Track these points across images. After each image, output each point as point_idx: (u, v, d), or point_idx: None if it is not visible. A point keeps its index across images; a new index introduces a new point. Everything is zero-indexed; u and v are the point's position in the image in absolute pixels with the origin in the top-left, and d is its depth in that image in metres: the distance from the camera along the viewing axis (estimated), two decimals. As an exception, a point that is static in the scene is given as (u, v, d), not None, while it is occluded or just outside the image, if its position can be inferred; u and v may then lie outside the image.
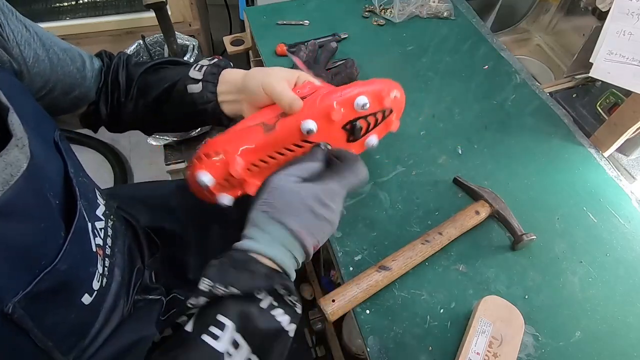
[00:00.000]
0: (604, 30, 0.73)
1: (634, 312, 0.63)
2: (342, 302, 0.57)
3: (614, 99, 0.92)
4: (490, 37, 1.01)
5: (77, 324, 0.45)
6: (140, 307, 0.58)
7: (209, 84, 0.59)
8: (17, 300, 0.35)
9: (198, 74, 0.59)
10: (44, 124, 0.46)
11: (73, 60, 0.56)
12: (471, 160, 0.79)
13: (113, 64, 0.62)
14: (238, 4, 1.31)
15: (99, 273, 0.47)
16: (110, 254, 0.52)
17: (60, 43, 0.55)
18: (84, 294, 0.44)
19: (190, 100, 0.59)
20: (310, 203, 0.44)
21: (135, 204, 0.72)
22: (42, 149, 0.42)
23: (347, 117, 0.55)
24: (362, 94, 0.53)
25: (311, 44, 0.89)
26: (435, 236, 0.64)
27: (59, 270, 0.39)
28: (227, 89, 0.59)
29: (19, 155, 0.37)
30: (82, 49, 0.61)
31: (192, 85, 0.58)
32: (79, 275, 0.44)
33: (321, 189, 0.45)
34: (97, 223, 0.50)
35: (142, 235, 0.67)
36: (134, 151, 1.77)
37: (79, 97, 0.59)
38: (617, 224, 0.72)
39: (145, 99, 0.61)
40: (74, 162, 0.48)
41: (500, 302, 0.59)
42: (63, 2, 1.42)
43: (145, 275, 0.62)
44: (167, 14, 1.19)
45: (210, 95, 0.59)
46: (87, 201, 0.48)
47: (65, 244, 0.40)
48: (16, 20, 0.47)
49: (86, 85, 0.59)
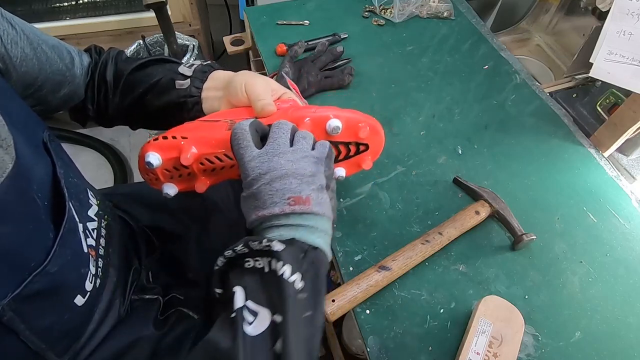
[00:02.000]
0: (604, 30, 0.73)
1: (634, 312, 0.63)
2: (342, 302, 0.57)
3: (614, 99, 0.92)
4: (490, 37, 1.01)
5: (71, 325, 0.45)
6: (137, 307, 0.58)
7: (196, 80, 0.59)
8: (6, 303, 0.35)
9: (188, 70, 0.60)
10: (31, 125, 0.46)
11: (62, 58, 0.56)
12: (471, 160, 0.79)
13: (101, 60, 0.61)
14: (238, 4, 1.31)
15: (91, 274, 0.47)
16: (104, 254, 0.51)
17: (49, 40, 0.54)
18: (76, 295, 0.44)
19: (174, 94, 0.59)
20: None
21: (134, 204, 0.72)
22: (29, 150, 0.41)
23: (316, 137, 0.52)
24: (336, 117, 0.52)
25: (321, 44, 0.90)
26: (435, 236, 0.64)
27: (49, 272, 0.39)
28: (212, 84, 0.59)
29: (4, 157, 0.37)
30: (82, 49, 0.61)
31: (180, 81, 0.59)
32: (71, 276, 0.43)
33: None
34: (89, 224, 0.49)
35: (139, 235, 0.67)
36: (134, 151, 1.77)
37: (68, 94, 0.58)
38: (617, 224, 0.72)
39: (132, 95, 0.61)
40: (65, 162, 0.48)
41: (500, 302, 0.59)
42: (63, 2, 1.42)
43: (142, 275, 0.62)
44: (167, 14, 1.19)
45: (194, 89, 0.59)
46: (78, 202, 0.48)
47: (55, 245, 0.40)
48: (2, 18, 0.47)
49: (76, 83, 0.59)
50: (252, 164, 0.43)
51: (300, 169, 0.43)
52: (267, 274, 0.40)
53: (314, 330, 0.41)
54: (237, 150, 0.45)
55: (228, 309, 0.39)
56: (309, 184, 0.43)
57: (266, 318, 0.38)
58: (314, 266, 0.41)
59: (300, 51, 0.89)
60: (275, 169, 0.43)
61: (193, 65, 0.60)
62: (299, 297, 0.39)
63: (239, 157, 0.45)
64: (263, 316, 0.38)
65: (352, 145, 0.55)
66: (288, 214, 0.42)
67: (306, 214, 0.42)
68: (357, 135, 0.54)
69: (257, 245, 0.40)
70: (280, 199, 0.42)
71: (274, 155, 0.43)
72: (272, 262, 0.40)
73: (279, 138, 0.45)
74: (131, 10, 1.42)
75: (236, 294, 0.39)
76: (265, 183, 0.42)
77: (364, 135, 0.54)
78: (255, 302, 0.39)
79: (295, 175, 0.43)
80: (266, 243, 0.39)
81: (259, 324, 0.38)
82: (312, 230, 0.43)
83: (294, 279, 0.39)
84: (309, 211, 0.42)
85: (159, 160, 0.50)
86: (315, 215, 0.43)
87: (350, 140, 0.55)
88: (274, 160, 0.43)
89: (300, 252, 0.41)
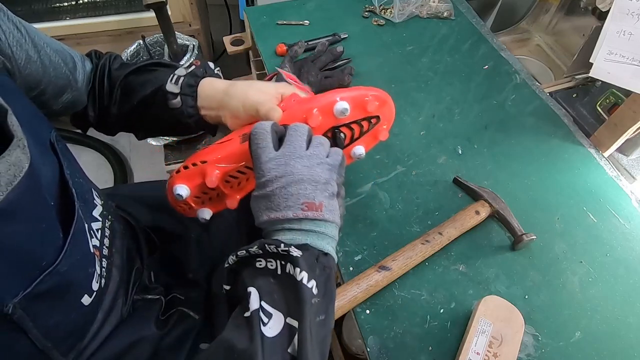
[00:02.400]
0: (604, 30, 0.73)
1: (634, 312, 0.63)
2: (342, 302, 0.57)
3: (614, 99, 0.92)
4: (490, 37, 1.01)
5: (76, 324, 0.45)
6: (139, 307, 0.58)
7: (187, 97, 0.57)
8: (17, 301, 0.35)
9: (175, 87, 0.57)
10: (39, 124, 0.46)
11: (65, 62, 0.55)
12: (471, 160, 0.79)
13: (100, 66, 0.61)
14: (238, 4, 1.31)
15: (97, 274, 0.47)
16: (107, 254, 0.52)
17: (53, 44, 0.54)
18: (83, 294, 0.44)
19: (172, 114, 0.58)
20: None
21: (135, 204, 0.72)
22: (38, 150, 0.41)
23: (327, 124, 0.53)
24: (342, 99, 0.52)
25: (321, 44, 0.90)
26: (435, 236, 0.64)
27: (59, 271, 0.39)
28: (207, 104, 0.58)
29: (21, 156, 0.37)
30: (82, 49, 0.61)
31: (172, 101, 0.57)
32: (79, 276, 0.44)
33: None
34: (94, 224, 0.50)
35: (141, 235, 0.67)
36: (134, 151, 1.77)
37: (71, 100, 0.58)
38: (617, 224, 0.72)
39: (130, 103, 0.60)
40: (71, 163, 0.48)
41: (500, 302, 0.59)
42: (63, 2, 1.42)
43: (144, 275, 0.62)
44: (167, 14, 1.19)
45: (190, 110, 0.58)
46: (83, 202, 0.48)
47: (66, 245, 0.40)
48: (7, 20, 0.46)
49: (78, 88, 0.58)
50: (268, 165, 0.44)
51: (316, 175, 0.44)
52: (280, 277, 0.41)
53: (326, 332, 0.42)
54: (255, 150, 0.45)
55: (242, 309, 0.40)
56: (322, 190, 0.44)
57: (280, 320, 0.39)
58: (325, 271, 0.43)
59: (300, 51, 0.89)
60: (292, 173, 0.43)
61: (179, 78, 0.57)
62: (314, 302, 0.40)
63: (256, 156, 0.45)
64: (277, 318, 0.39)
65: (364, 121, 0.56)
66: (301, 219, 0.43)
67: (318, 220, 0.43)
68: (366, 110, 0.54)
69: (274, 249, 0.41)
70: (295, 203, 0.43)
71: (291, 158, 0.44)
72: (287, 266, 0.41)
73: (295, 141, 0.46)
74: (131, 10, 1.42)
75: (252, 295, 0.40)
76: (280, 186, 0.43)
77: (372, 108, 0.54)
78: (270, 305, 0.40)
79: (310, 181, 0.43)
80: (284, 248, 0.40)
81: (275, 326, 0.39)
82: (322, 236, 0.44)
83: (312, 284, 0.40)
84: (321, 218, 0.43)
85: (187, 190, 0.51)
86: (326, 222, 0.44)
87: (362, 117, 0.55)
88: (290, 164, 0.44)
89: (314, 258, 0.42)
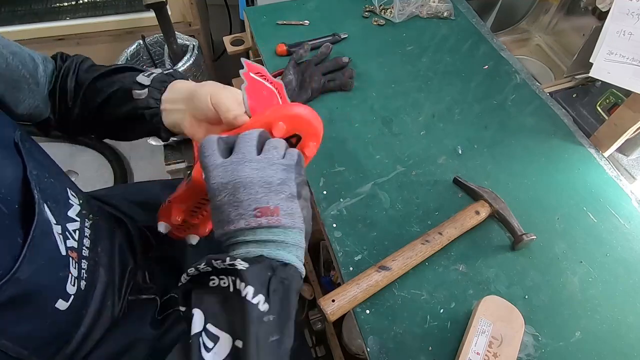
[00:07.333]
0: (604, 30, 0.73)
1: (634, 312, 0.63)
2: (342, 302, 0.57)
3: (614, 99, 0.92)
4: (490, 37, 1.01)
5: (56, 330, 0.44)
6: (133, 308, 0.57)
7: (154, 90, 0.54)
8: None
9: (146, 79, 0.54)
10: (1, 126, 0.44)
11: (24, 64, 0.52)
12: (471, 160, 0.79)
13: (64, 68, 0.58)
14: (238, 4, 1.31)
15: (73, 277, 0.45)
16: (89, 255, 0.50)
17: (10, 46, 0.51)
18: (57, 299, 0.43)
19: (132, 105, 0.54)
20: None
21: (130, 204, 0.71)
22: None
23: None
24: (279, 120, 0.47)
25: (325, 46, 0.90)
26: (435, 236, 0.64)
27: (19, 279, 0.37)
28: (172, 96, 0.53)
29: None
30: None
31: (137, 91, 0.54)
32: (47, 281, 0.42)
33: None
34: (70, 224, 0.48)
35: (135, 234, 0.66)
36: (134, 151, 1.77)
37: (33, 105, 0.55)
38: (617, 224, 0.72)
39: (92, 105, 0.57)
40: (39, 162, 0.46)
41: (500, 302, 0.59)
42: (63, 2, 1.42)
43: (138, 275, 0.61)
44: (167, 14, 1.19)
45: (152, 101, 0.54)
46: (55, 202, 0.46)
47: (24, 250, 0.38)
48: None
49: (39, 90, 0.55)
50: (214, 173, 0.40)
51: (267, 177, 0.40)
52: (231, 294, 0.37)
53: (282, 355, 0.37)
54: (202, 161, 0.41)
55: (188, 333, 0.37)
56: (277, 192, 0.40)
57: (228, 343, 0.36)
58: (284, 285, 0.38)
59: (305, 55, 0.88)
60: (239, 177, 0.39)
61: (152, 74, 0.55)
62: (264, 320, 0.36)
63: (204, 166, 0.41)
64: (224, 341, 0.36)
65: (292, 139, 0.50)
66: (255, 228, 0.39)
67: (274, 227, 0.40)
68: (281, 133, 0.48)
69: (221, 264, 0.38)
70: (246, 210, 0.39)
71: (239, 164, 0.40)
72: (236, 282, 0.37)
73: (244, 147, 0.41)
74: (131, 10, 1.42)
75: (194, 317, 0.36)
76: (228, 193, 0.39)
77: (279, 134, 0.47)
78: (216, 326, 0.36)
79: (261, 184, 0.40)
80: (230, 262, 0.37)
81: (220, 350, 0.35)
82: (282, 245, 0.40)
83: (258, 300, 0.36)
84: (277, 224, 0.39)
85: (167, 226, 0.54)
86: (285, 229, 0.40)
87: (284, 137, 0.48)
88: (238, 169, 0.40)
89: (268, 271, 0.38)
